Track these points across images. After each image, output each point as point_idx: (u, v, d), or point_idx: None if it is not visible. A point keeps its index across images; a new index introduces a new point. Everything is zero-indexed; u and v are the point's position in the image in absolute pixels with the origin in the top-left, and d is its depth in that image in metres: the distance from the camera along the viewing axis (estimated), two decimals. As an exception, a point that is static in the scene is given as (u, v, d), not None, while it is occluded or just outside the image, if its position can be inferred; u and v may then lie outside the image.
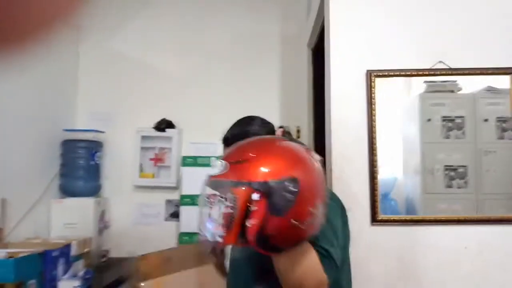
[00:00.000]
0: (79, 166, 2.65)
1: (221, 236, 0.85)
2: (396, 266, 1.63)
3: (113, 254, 2.72)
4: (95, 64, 2.98)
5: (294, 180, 0.86)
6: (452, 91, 2.08)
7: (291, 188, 0.85)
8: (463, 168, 2.04)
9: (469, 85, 2.05)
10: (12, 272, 1.64)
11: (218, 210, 0.87)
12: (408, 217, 1.84)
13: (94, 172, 2.72)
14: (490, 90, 2.03)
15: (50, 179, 2.60)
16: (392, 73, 1.79)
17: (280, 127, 1.04)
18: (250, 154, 0.90)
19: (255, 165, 0.88)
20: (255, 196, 0.84)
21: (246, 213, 0.84)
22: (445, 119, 2.06)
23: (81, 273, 2.00)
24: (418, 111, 2.06)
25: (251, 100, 2.91)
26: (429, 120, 2.07)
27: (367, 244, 1.32)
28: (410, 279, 1.65)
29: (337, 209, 1.19)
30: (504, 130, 2.00)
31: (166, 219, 2.87)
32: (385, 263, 1.24)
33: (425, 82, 2.02)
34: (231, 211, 0.84)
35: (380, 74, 1.77)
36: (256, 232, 0.84)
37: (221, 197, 0.88)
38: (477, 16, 1.83)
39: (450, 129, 2.05)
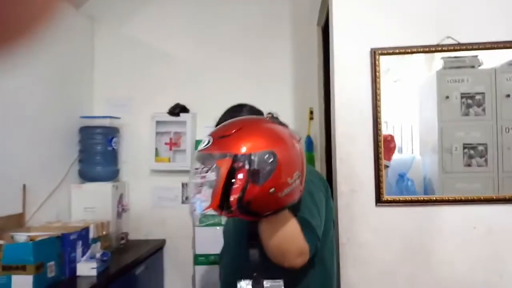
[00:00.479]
0: (97, 151, 2.70)
1: (206, 203, 0.95)
2: (401, 247, 1.60)
3: (132, 236, 2.80)
4: (110, 52, 3.01)
5: (272, 154, 0.96)
6: (473, 67, 2.00)
7: (270, 161, 0.95)
8: (483, 146, 1.98)
9: (490, 60, 1.97)
10: (31, 254, 1.71)
11: (204, 180, 0.97)
12: (414, 197, 1.80)
13: (111, 157, 2.78)
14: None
15: (70, 164, 2.67)
16: (397, 51, 1.73)
17: (269, 113, 1.08)
18: (234, 130, 0.99)
19: (237, 140, 0.97)
20: (237, 166, 0.94)
21: (229, 183, 0.93)
22: (464, 95, 1.99)
23: (98, 255, 2.07)
24: (435, 88, 2.00)
25: (263, 83, 2.90)
26: (447, 97, 2.01)
27: (372, 225, 1.30)
28: (416, 260, 1.62)
29: (320, 185, 1.27)
30: (526, 105, 1.91)
31: (183, 202, 2.92)
32: (390, 244, 1.22)
33: (443, 58, 1.95)
34: (215, 180, 0.94)
35: (385, 52, 1.71)
36: (238, 199, 0.93)
37: (207, 169, 0.97)
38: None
39: (469, 106, 1.99)
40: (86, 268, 1.97)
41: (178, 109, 2.85)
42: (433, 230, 1.67)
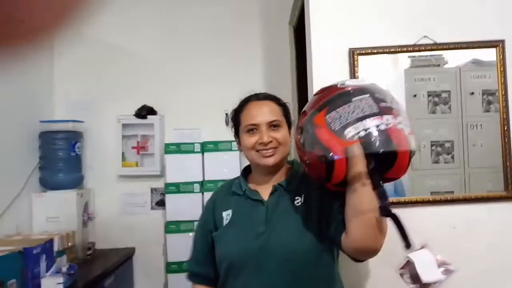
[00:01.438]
0: (59, 158, 2.56)
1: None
2: (384, 249, 1.60)
3: (99, 246, 2.67)
4: (70, 52, 2.85)
5: None
6: (438, 65, 2.04)
7: None
8: (450, 143, 2.02)
9: (455, 58, 2.01)
10: (-11, 273, 1.58)
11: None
12: (394, 199, 1.82)
13: (75, 164, 2.64)
14: (475, 62, 1.99)
15: (30, 172, 2.51)
16: (375, 51, 1.73)
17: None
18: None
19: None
20: None
21: None
22: (431, 94, 2.03)
23: (64, 268, 1.95)
24: (403, 87, 2.03)
25: (233, 81, 2.84)
26: (415, 95, 2.04)
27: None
28: (397, 262, 1.63)
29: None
30: (489, 103, 1.97)
31: (153, 208, 2.82)
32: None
33: (410, 57, 1.98)
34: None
35: (363, 52, 1.71)
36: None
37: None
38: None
39: (436, 104, 2.02)
40: (52, 284, 1.85)
41: (144, 111, 2.75)
42: (412, 230, 1.68)
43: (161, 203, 2.80)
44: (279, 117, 1.27)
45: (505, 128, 1.83)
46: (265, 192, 1.27)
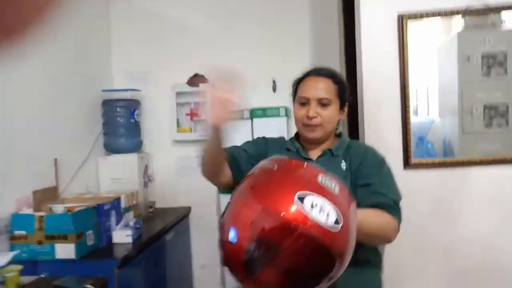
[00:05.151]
0: (120, 124, 2.77)
1: None
2: (429, 208, 1.66)
3: (159, 205, 2.90)
4: (126, 24, 3.01)
5: None
6: (495, 26, 1.97)
7: None
8: (504, 106, 1.98)
9: (510, 18, 1.94)
10: (71, 225, 1.81)
11: None
12: (441, 160, 1.84)
13: (134, 129, 2.84)
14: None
15: (95, 138, 2.75)
16: (424, 15, 1.72)
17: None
18: None
19: None
20: None
21: None
22: (486, 56, 1.98)
23: (131, 223, 2.17)
24: (456, 49, 1.99)
25: (282, 51, 2.88)
26: (468, 58, 2.00)
27: (400, 188, 1.36)
28: (443, 221, 1.68)
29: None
30: (549, 64, 1.90)
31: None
32: (418, 206, 1.27)
33: (464, 18, 1.93)
34: None
35: (412, 16, 1.70)
36: None
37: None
38: None
39: (491, 66, 1.98)
40: (122, 236, 2.08)
41: (197, 80, 2.88)
42: (459, 191, 1.72)
43: (213, 167, 2.96)
44: (331, 95, 1.34)
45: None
46: (314, 154, 1.39)
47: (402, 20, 1.68)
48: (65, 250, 1.80)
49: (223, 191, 1.52)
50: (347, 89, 1.41)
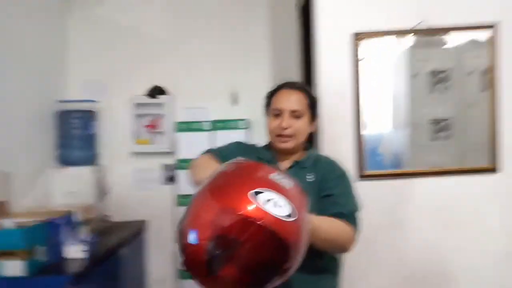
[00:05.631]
0: (75, 136, 2.70)
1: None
2: (382, 217, 1.76)
3: (114, 218, 2.83)
4: (83, 33, 2.96)
5: None
6: (438, 46, 2.11)
7: None
8: (447, 121, 2.11)
9: (455, 39, 2.08)
10: (21, 240, 1.73)
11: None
12: (393, 171, 1.93)
13: (90, 141, 2.78)
14: (474, 43, 2.07)
15: (48, 150, 2.66)
16: (377, 35, 1.83)
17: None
18: None
19: None
20: None
21: None
22: (431, 73, 2.11)
23: (86, 238, 2.11)
24: (405, 66, 2.11)
25: (241, 62, 2.93)
26: (416, 75, 2.12)
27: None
28: (396, 228, 1.77)
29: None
30: (486, 82, 2.05)
31: (164, 183, 2.97)
32: (373, 215, 1.34)
33: (413, 37, 2.05)
34: None
35: (365, 36, 1.80)
36: None
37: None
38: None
39: (435, 83, 2.10)
40: (75, 251, 2.01)
41: (156, 91, 2.87)
42: (408, 201, 1.83)
43: (171, 179, 2.95)
44: (303, 108, 1.40)
45: (493, 106, 1.92)
46: (284, 166, 1.45)
47: (356, 38, 1.78)
48: (14, 267, 1.72)
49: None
50: (317, 103, 1.48)
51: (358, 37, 1.79)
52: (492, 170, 1.91)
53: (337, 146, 1.80)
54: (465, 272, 1.91)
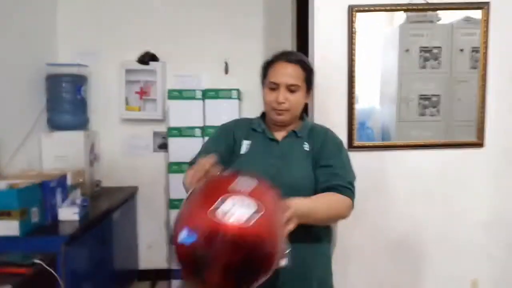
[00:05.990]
0: (65, 100, 2.67)
1: None
2: (370, 185, 1.83)
3: (105, 184, 2.86)
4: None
5: None
6: (432, 22, 2.13)
7: None
8: (437, 97, 2.16)
9: (448, 15, 2.11)
10: (16, 201, 1.75)
11: None
12: (380, 143, 1.99)
13: (80, 106, 2.76)
14: (467, 20, 2.09)
15: (38, 114, 2.63)
16: (372, 8, 1.84)
17: None
18: None
19: None
20: None
21: None
22: (423, 49, 2.14)
23: (78, 201, 2.13)
24: (397, 42, 2.13)
25: (234, 30, 2.91)
26: (407, 50, 2.15)
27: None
28: (382, 195, 1.86)
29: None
30: (476, 60, 2.10)
31: (155, 150, 2.99)
32: (361, 183, 1.40)
33: (406, 13, 2.07)
34: None
35: (361, 9, 1.81)
36: None
37: None
38: None
39: (427, 59, 2.14)
40: (68, 214, 2.04)
41: (147, 58, 2.84)
42: (396, 171, 1.90)
43: (162, 146, 2.96)
44: (299, 81, 1.40)
45: (482, 83, 1.97)
46: (279, 136, 1.46)
47: (351, 11, 1.80)
48: (8, 227, 1.75)
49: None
50: (314, 74, 1.47)
51: (354, 9, 1.80)
52: (479, 145, 1.99)
53: (331, 116, 1.84)
54: (447, 240, 2.02)
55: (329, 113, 1.85)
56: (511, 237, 2.05)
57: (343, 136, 1.85)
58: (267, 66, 1.44)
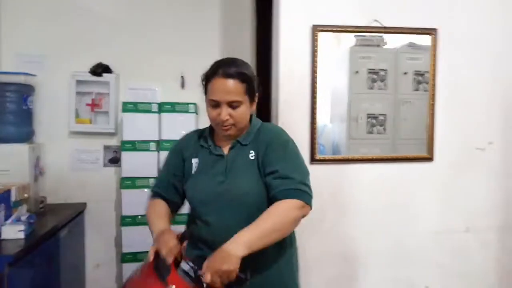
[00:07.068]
0: (9, 110, 2.51)
1: None
2: (328, 197, 1.92)
3: (50, 200, 2.70)
4: (18, 4, 2.74)
5: None
6: (378, 45, 2.28)
7: None
8: (383, 116, 2.30)
9: (393, 40, 2.27)
10: (-45, 218, 1.61)
11: None
12: (340, 157, 2.10)
13: (26, 118, 2.61)
14: (412, 46, 2.27)
15: (-23, 124, 2.45)
16: (335, 29, 1.95)
17: None
18: None
19: None
20: None
21: None
22: (371, 71, 2.28)
23: (24, 217, 2.01)
24: (348, 63, 2.26)
25: (190, 44, 2.90)
26: (357, 72, 2.28)
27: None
28: (338, 205, 1.96)
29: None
30: (419, 82, 2.27)
31: (105, 165, 2.88)
32: (321, 194, 1.47)
33: (355, 36, 2.20)
34: None
35: (324, 29, 1.92)
36: None
37: None
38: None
39: (374, 80, 2.28)
40: (13, 232, 1.91)
41: (100, 69, 2.76)
42: (352, 183, 2.02)
43: (113, 161, 2.87)
44: (240, 96, 1.37)
45: (432, 103, 2.15)
46: (226, 146, 1.46)
47: (314, 31, 1.89)
48: None
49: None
50: (255, 80, 1.44)
51: (317, 29, 1.90)
52: (429, 159, 2.17)
53: (294, 130, 1.90)
54: (399, 248, 2.15)
55: (293, 128, 1.92)
56: (457, 245, 2.23)
57: (305, 151, 1.93)
58: (206, 81, 1.41)
